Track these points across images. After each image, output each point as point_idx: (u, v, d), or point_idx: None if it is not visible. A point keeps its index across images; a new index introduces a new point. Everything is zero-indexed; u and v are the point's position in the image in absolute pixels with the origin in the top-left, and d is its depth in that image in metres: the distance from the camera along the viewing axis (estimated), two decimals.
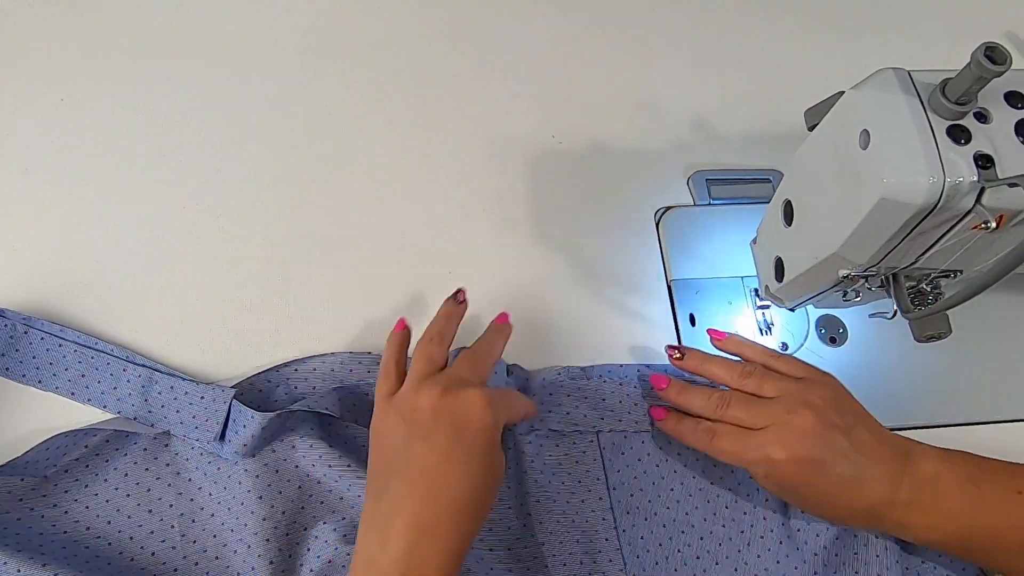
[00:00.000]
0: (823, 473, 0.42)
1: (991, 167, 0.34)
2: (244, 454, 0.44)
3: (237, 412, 0.45)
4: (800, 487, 0.43)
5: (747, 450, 0.43)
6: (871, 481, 0.42)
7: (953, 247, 0.38)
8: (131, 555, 0.44)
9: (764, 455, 0.42)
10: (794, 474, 0.42)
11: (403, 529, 0.37)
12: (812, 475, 0.42)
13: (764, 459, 0.42)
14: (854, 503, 0.42)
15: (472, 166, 0.58)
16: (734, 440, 0.44)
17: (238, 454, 0.44)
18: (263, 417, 0.43)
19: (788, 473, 0.42)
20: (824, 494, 0.42)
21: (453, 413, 0.39)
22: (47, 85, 0.57)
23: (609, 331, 0.54)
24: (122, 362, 0.47)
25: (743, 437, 0.44)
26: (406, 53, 0.62)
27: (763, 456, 0.42)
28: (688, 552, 0.47)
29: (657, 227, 0.58)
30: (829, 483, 0.42)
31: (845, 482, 0.42)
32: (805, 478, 0.42)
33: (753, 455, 0.43)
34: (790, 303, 0.49)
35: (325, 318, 0.52)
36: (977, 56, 0.33)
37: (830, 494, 0.42)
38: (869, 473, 0.42)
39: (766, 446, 0.42)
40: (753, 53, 0.66)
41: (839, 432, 0.42)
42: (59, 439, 0.45)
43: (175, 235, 0.53)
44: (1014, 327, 0.57)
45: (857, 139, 0.36)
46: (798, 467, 0.42)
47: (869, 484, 0.42)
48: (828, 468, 0.42)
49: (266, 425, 0.43)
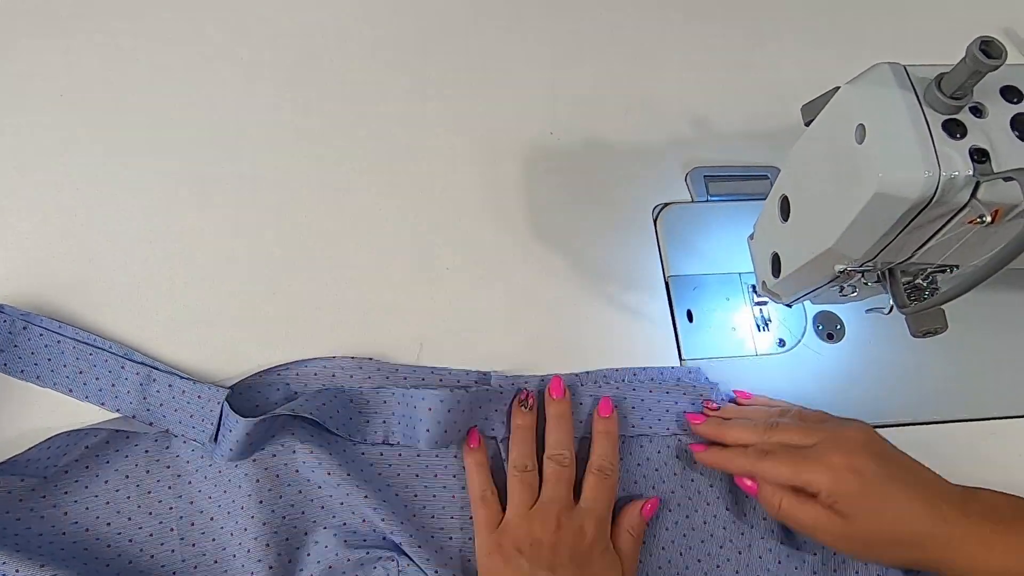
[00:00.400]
0: (885, 479, 0.41)
1: (986, 161, 0.34)
2: (231, 458, 0.44)
3: (226, 415, 0.44)
4: (860, 500, 0.41)
5: (804, 466, 0.42)
6: (934, 498, 0.41)
7: (949, 242, 0.38)
8: (130, 557, 0.43)
9: (822, 468, 0.42)
10: (855, 481, 0.41)
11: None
12: (874, 482, 0.41)
13: (824, 468, 0.42)
14: (915, 523, 0.41)
15: (469, 163, 0.58)
16: (788, 458, 0.43)
17: (224, 457, 0.44)
18: (247, 423, 0.43)
19: (848, 480, 0.41)
20: (883, 513, 0.41)
21: (572, 546, 0.42)
22: (46, 80, 0.57)
23: (606, 328, 0.54)
24: (121, 359, 0.47)
25: (800, 455, 0.43)
26: (402, 50, 0.62)
27: (822, 466, 0.42)
28: (690, 555, 0.47)
29: (655, 223, 0.58)
30: (890, 494, 0.41)
31: (909, 493, 0.41)
32: (865, 485, 0.41)
33: (811, 466, 0.42)
34: (787, 299, 0.49)
35: (325, 317, 0.52)
36: (972, 50, 0.33)
37: (889, 513, 0.41)
38: (930, 490, 0.41)
39: (824, 455, 0.42)
40: (751, 49, 0.66)
41: (890, 448, 0.43)
42: (59, 439, 0.45)
43: (175, 231, 0.53)
44: (1011, 322, 0.57)
45: (853, 134, 0.36)
46: (859, 473, 0.41)
47: (931, 501, 0.41)
48: (889, 475, 0.41)
49: (250, 431, 0.43)
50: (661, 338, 0.54)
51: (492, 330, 0.52)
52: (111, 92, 0.57)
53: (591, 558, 0.42)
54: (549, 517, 0.43)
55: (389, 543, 0.45)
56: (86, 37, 0.59)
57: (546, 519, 0.43)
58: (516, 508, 0.44)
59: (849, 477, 0.41)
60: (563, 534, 0.42)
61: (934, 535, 0.41)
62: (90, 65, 0.58)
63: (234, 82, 0.59)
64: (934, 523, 0.41)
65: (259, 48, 0.61)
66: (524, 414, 0.47)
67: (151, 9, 0.61)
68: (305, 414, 0.44)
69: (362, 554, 0.43)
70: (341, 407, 0.47)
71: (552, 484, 0.45)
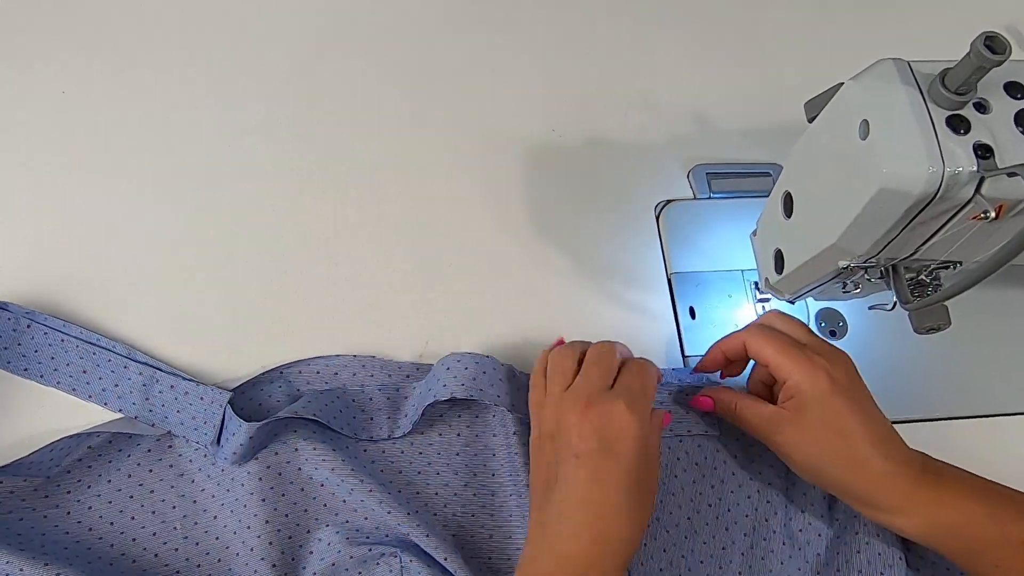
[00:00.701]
0: (849, 398, 0.42)
1: (990, 157, 0.34)
2: (234, 461, 0.44)
3: (229, 418, 0.44)
4: (820, 403, 0.42)
5: (790, 349, 0.43)
6: (882, 436, 0.42)
7: (952, 238, 0.38)
8: (133, 556, 0.43)
9: (806, 356, 0.42)
10: (825, 383, 0.41)
11: (569, 537, 0.38)
12: (839, 393, 0.41)
13: (805, 360, 0.42)
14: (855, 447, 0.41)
15: (471, 161, 0.58)
16: (780, 340, 0.43)
17: (228, 461, 0.44)
18: (250, 427, 0.43)
19: (819, 380, 0.41)
20: (832, 424, 0.41)
21: (601, 429, 0.40)
22: (49, 78, 0.57)
23: (609, 325, 0.54)
24: (124, 359, 0.47)
25: (790, 341, 0.43)
26: (403, 48, 0.62)
27: (804, 358, 0.42)
28: (693, 557, 0.47)
29: (657, 220, 0.58)
30: (847, 412, 0.41)
31: (862, 420, 0.41)
32: (831, 393, 0.41)
33: (795, 354, 0.42)
34: (790, 295, 0.49)
35: (328, 316, 0.52)
36: (977, 46, 0.33)
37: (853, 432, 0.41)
38: (882, 429, 0.42)
39: (809, 353, 0.42)
40: (753, 46, 0.66)
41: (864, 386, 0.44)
42: (63, 442, 0.45)
43: (179, 230, 0.53)
44: (1014, 319, 0.57)
45: (856, 130, 0.36)
46: (833, 381, 0.42)
47: (879, 436, 0.42)
48: (855, 398, 0.42)
49: (253, 435, 0.43)
50: (663, 335, 0.54)
51: (494, 328, 0.52)
52: (114, 89, 0.57)
53: (624, 445, 0.40)
54: (579, 398, 0.41)
55: (393, 539, 0.45)
56: (87, 35, 0.59)
57: (576, 400, 0.41)
58: (551, 392, 0.43)
59: (822, 377, 0.42)
60: (591, 415, 0.40)
61: (868, 467, 0.41)
62: (91, 63, 0.58)
63: (236, 80, 0.59)
64: (872, 455, 0.41)
65: (260, 46, 0.61)
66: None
67: (152, 8, 0.61)
68: (308, 416, 0.44)
69: (365, 551, 0.43)
70: (344, 407, 0.47)
71: (587, 367, 0.43)
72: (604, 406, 0.40)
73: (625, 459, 0.39)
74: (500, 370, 0.47)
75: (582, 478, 0.39)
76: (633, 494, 0.39)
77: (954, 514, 0.41)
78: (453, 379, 0.45)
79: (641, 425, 0.40)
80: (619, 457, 0.39)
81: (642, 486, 0.40)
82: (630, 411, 0.40)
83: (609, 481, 0.39)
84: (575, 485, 0.39)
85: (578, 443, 0.40)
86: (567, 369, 0.43)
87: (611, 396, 0.41)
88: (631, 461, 0.39)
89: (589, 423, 0.40)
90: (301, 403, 0.45)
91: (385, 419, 0.47)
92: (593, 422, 0.40)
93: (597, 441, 0.39)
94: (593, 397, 0.41)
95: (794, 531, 0.47)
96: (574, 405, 0.41)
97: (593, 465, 0.39)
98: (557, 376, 0.43)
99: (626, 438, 0.39)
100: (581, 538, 0.38)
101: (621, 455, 0.39)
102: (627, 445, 0.39)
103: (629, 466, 0.39)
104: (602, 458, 0.39)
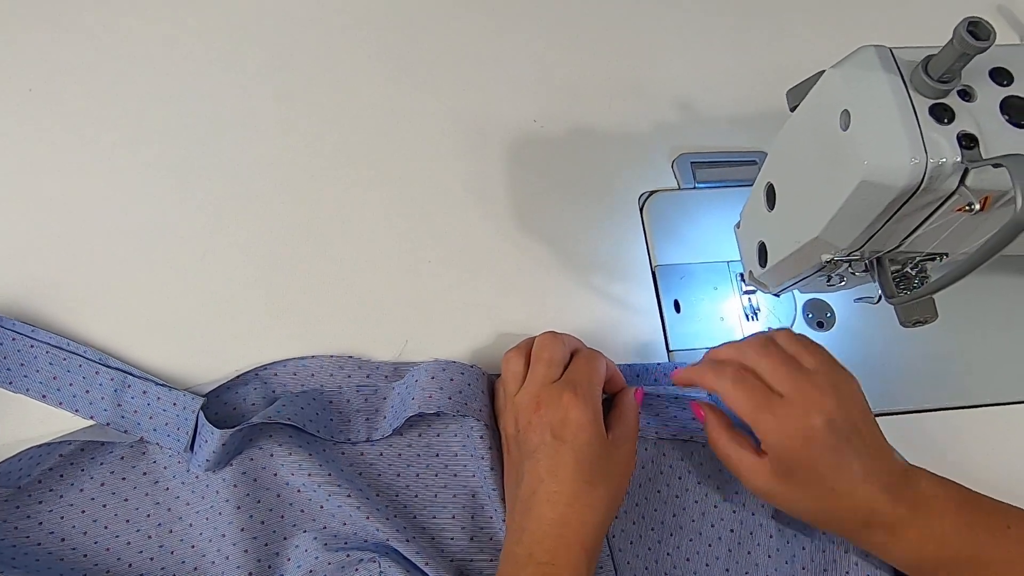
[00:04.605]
0: (830, 462, 0.39)
1: (975, 147, 0.33)
2: (207, 468, 0.43)
3: (201, 424, 0.44)
4: (803, 469, 0.40)
5: (763, 410, 0.40)
6: (876, 485, 0.40)
7: (937, 230, 0.37)
8: (107, 566, 0.43)
9: (778, 424, 0.40)
10: (802, 449, 0.39)
11: (534, 530, 0.39)
12: (819, 455, 0.39)
13: (774, 429, 0.40)
14: (858, 503, 0.40)
15: (451, 153, 0.57)
16: (755, 394, 0.41)
17: (202, 467, 0.43)
18: (223, 434, 0.42)
19: (796, 447, 0.39)
20: (826, 487, 0.40)
21: (549, 421, 0.41)
22: (14, 75, 0.55)
23: (593, 319, 0.53)
24: (95, 364, 0.46)
25: (765, 396, 0.40)
26: (384, 39, 0.61)
27: (776, 425, 0.40)
28: (678, 555, 0.46)
29: (641, 212, 0.57)
30: (837, 473, 0.40)
31: (855, 480, 0.40)
32: (809, 456, 0.40)
33: (766, 417, 0.40)
34: (774, 289, 0.48)
35: (307, 314, 0.50)
36: (960, 32, 0.31)
37: (835, 487, 0.40)
38: (876, 477, 0.40)
39: (781, 417, 0.40)
40: (738, 33, 0.65)
41: (854, 428, 0.40)
42: (32, 451, 0.44)
43: (151, 229, 0.52)
44: (1001, 311, 0.56)
45: (837, 120, 0.35)
46: (808, 448, 0.39)
47: (874, 488, 0.40)
48: (839, 460, 0.40)
49: (226, 441, 0.42)
50: (648, 329, 0.53)
51: (477, 323, 0.51)
52: (84, 85, 0.56)
53: (574, 433, 0.40)
54: (531, 398, 0.42)
55: (372, 544, 0.44)
56: (56, 29, 0.57)
57: (528, 400, 0.42)
58: (508, 396, 0.44)
59: (798, 443, 0.40)
60: (542, 411, 0.41)
61: (856, 518, 0.40)
62: (61, 57, 0.56)
63: (211, 73, 0.57)
64: (860, 522, 0.40)
65: (238, 37, 0.59)
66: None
67: (121, 1, 0.59)
68: (282, 420, 0.43)
69: (343, 557, 0.43)
70: (320, 409, 0.46)
71: (533, 365, 0.44)
72: (552, 399, 0.42)
73: (577, 446, 0.40)
74: (483, 381, 0.47)
75: (540, 471, 0.40)
76: (592, 482, 0.40)
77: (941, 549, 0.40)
78: (439, 390, 0.45)
79: (588, 411, 0.41)
80: (571, 445, 0.40)
81: (600, 470, 0.40)
82: (576, 399, 0.41)
83: (565, 469, 0.40)
84: (534, 479, 0.40)
85: (534, 439, 0.41)
86: (517, 373, 0.45)
87: (557, 389, 0.42)
88: (584, 448, 0.40)
89: (540, 418, 0.41)
90: (276, 407, 0.44)
91: (363, 421, 0.47)
92: (544, 417, 0.41)
93: (550, 434, 0.41)
94: (541, 394, 0.42)
95: (781, 525, 0.47)
96: (526, 405, 0.42)
97: (548, 458, 0.40)
98: (510, 381, 0.45)
99: (575, 426, 0.41)
100: (545, 529, 0.39)
101: (572, 443, 0.40)
102: (577, 433, 0.40)
103: (582, 453, 0.40)
104: (554, 450, 0.40)
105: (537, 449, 0.41)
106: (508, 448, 0.44)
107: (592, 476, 0.40)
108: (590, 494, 0.40)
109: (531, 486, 0.40)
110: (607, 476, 0.41)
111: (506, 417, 0.45)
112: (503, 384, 0.46)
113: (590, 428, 0.41)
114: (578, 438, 0.40)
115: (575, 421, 0.41)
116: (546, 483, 0.40)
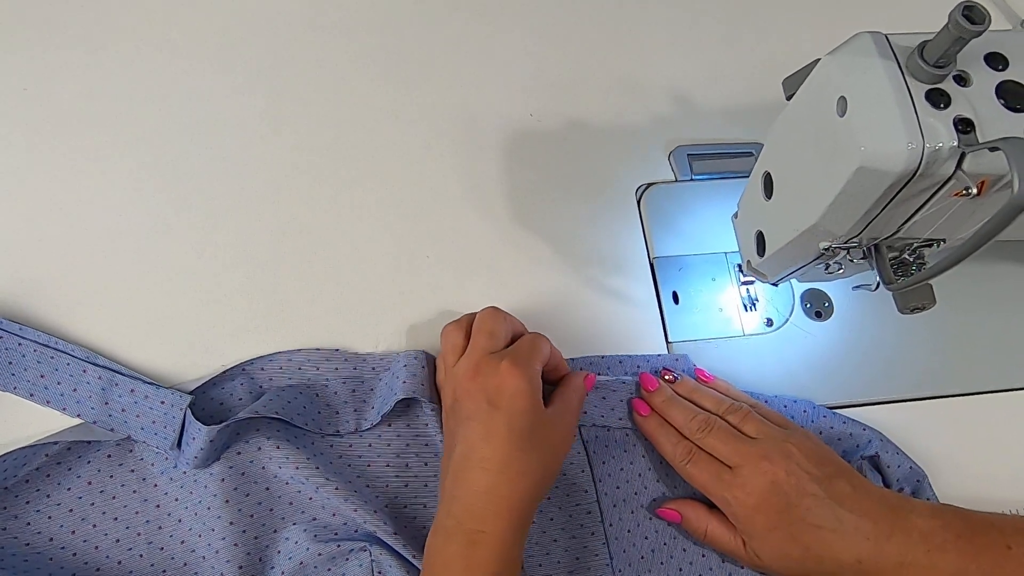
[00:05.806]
0: (795, 521, 0.41)
1: (971, 131, 0.33)
2: (196, 465, 0.43)
3: (188, 422, 0.43)
4: (771, 535, 0.41)
5: (718, 487, 0.43)
6: (855, 534, 0.40)
7: (935, 215, 0.37)
8: (97, 564, 0.42)
9: (733, 496, 0.42)
10: (764, 521, 0.41)
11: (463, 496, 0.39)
12: (782, 522, 0.41)
13: (732, 500, 0.42)
14: (839, 555, 0.40)
15: (447, 148, 0.57)
16: (708, 471, 0.43)
17: (189, 464, 0.43)
18: (209, 431, 0.42)
19: (756, 519, 0.41)
20: (802, 545, 0.41)
21: (485, 387, 0.41)
22: (7, 73, 0.55)
23: (591, 312, 0.53)
24: (82, 363, 0.45)
25: (717, 472, 0.43)
26: (378, 35, 0.61)
27: (732, 497, 0.42)
28: (674, 544, 0.46)
29: (638, 204, 0.57)
30: (804, 532, 0.41)
31: (824, 533, 0.40)
32: (775, 524, 0.41)
33: (723, 493, 0.42)
34: (773, 278, 0.48)
35: (301, 311, 0.50)
36: (955, 16, 0.31)
37: (809, 545, 0.41)
38: (852, 525, 0.40)
39: (736, 488, 0.42)
40: (733, 23, 0.65)
41: (814, 482, 0.41)
42: (18, 452, 0.43)
43: (139, 227, 0.51)
44: (999, 296, 0.56)
45: (834, 107, 0.35)
46: (767, 513, 0.41)
47: (852, 537, 0.40)
48: (801, 515, 0.41)
49: (213, 438, 0.42)
50: (647, 321, 0.53)
51: None
52: (76, 85, 0.55)
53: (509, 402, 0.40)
54: (469, 366, 0.42)
55: (362, 534, 0.44)
56: (49, 29, 0.57)
57: (467, 368, 0.42)
58: (447, 367, 0.44)
59: (754, 520, 0.42)
60: (479, 378, 0.41)
61: (847, 571, 0.41)
62: (54, 57, 0.56)
63: (202, 72, 0.57)
64: (853, 573, 0.41)
65: (229, 36, 0.59)
66: None
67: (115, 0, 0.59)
68: (270, 415, 0.43)
69: (334, 547, 0.43)
70: (308, 402, 0.46)
71: (474, 336, 0.44)
72: (489, 367, 0.41)
73: (511, 415, 0.40)
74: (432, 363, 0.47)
75: (473, 438, 0.40)
76: (525, 450, 0.39)
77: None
78: (412, 376, 0.45)
79: (525, 381, 0.40)
80: (505, 413, 0.40)
81: (535, 442, 0.40)
82: (515, 368, 0.41)
83: (498, 436, 0.39)
84: (467, 445, 0.40)
85: (469, 406, 0.41)
86: (457, 345, 0.44)
87: (496, 358, 0.42)
88: (518, 417, 0.40)
89: (476, 385, 0.41)
90: (263, 401, 0.44)
91: (351, 412, 0.47)
92: (480, 384, 0.41)
93: (485, 401, 0.40)
94: (480, 362, 0.42)
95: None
96: (465, 373, 0.42)
97: (482, 424, 0.40)
98: (449, 353, 0.45)
99: (512, 395, 0.40)
100: (475, 495, 0.39)
101: (507, 411, 0.40)
102: (513, 401, 0.40)
103: (516, 422, 0.40)
104: (489, 416, 0.40)
105: (472, 416, 0.40)
106: (446, 418, 0.44)
107: (524, 443, 0.39)
108: (522, 460, 0.39)
109: (464, 453, 0.40)
110: (541, 445, 0.40)
111: (445, 390, 0.44)
112: (442, 357, 0.45)
113: (527, 396, 0.40)
114: (513, 405, 0.40)
115: (511, 388, 0.40)
116: (478, 449, 0.39)
